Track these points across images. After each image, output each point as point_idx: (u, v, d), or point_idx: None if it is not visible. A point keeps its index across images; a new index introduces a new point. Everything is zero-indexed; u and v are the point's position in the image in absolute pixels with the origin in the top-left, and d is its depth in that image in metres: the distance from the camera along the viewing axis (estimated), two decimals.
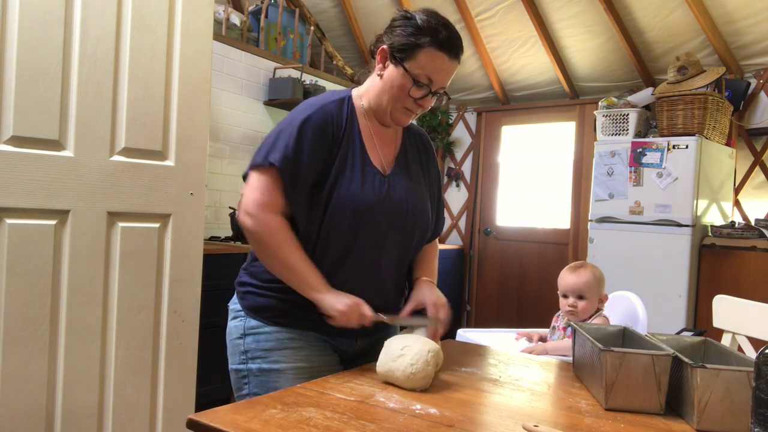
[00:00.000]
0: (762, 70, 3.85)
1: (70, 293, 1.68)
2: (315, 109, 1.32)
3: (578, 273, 2.05)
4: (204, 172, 1.96)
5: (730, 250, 3.43)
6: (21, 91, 1.58)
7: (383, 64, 1.34)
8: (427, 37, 1.29)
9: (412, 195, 1.40)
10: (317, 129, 1.30)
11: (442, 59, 1.30)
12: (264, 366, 1.32)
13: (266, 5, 4.38)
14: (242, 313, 1.37)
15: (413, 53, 1.29)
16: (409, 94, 1.32)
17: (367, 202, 1.31)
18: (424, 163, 1.50)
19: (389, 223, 1.35)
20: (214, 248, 3.17)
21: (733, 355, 1.15)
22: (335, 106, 1.35)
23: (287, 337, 1.33)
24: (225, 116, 3.90)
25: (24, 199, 1.60)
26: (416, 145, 1.50)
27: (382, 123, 1.41)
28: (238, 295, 1.41)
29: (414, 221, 1.40)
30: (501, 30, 4.64)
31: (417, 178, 1.45)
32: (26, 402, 1.61)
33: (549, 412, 1.08)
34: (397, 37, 1.31)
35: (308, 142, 1.29)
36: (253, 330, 1.35)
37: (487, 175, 5.18)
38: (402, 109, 1.35)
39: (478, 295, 5.16)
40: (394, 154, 1.43)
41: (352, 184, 1.31)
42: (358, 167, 1.33)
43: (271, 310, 1.35)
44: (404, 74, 1.30)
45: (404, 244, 1.40)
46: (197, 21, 1.92)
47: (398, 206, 1.36)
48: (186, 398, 1.96)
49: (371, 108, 1.39)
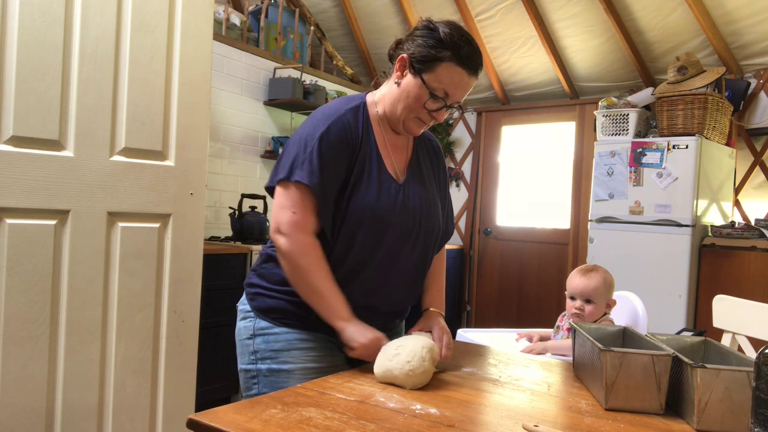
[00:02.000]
0: (762, 70, 3.85)
1: (70, 293, 1.68)
2: (332, 120, 1.32)
3: (588, 276, 2.03)
4: (204, 172, 1.96)
5: (730, 250, 3.43)
6: (21, 91, 1.58)
7: (401, 72, 1.34)
8: (449, 51, 1.28)
9: (425, 203, 1.41)
10: (338, 142, 1.30)
11: (461, 75, 1.31)
12: (273, 366, 1.33)
13: (266, 5, 4.38)
14: (252, 314, 1.38)
15: (433, 66, 1.29)
16: (425, 106, 1.32)
17: (382, 210, 1.32)
18: (435, 169, 1.52)
19: (404, 232, 1.36)
20: (214, 248, 3.17)
21: (733, 355, 1.15)
22: (351, 116, 1.35)
23: (296, 338, 1.34)
24: (225, 116, 3.90)
25: (24, 199, 1.60)
26: (427, 151, 1.51)
27: (394, 130, 1.41)
28: (248, 296, 1.42)
29: (427, 229, 1.41)
30: (501, 30, 4.64)
31: (429, 184, 1.47)
32: (26, 402, 1.61)
33: (549, 412, 1.08)
34: (419, 47, 1.30)
35: (331, 157, 1.29)
36: (262, 331, 1.36)
37: (487, 175, 5.18)
38: (415, 119, 1.36)
39: (478, 295, 5.16)
40: (406, 160, 1.44)
41: (369, 192, 1.32)
42: (374, 176, 1.34)
43: (281, 311, 1.35)
44: (422, 86, 1.30)
45: (417, 252, 1.41)
46: (197, 21, 1.92)
47: (412, 215, 1.37)
48: (186, 398, 1.96)
49: (385, 115, 1.39)
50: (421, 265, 1.45)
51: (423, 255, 1.44)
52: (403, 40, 1.36)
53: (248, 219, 3.55)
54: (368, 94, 1.44)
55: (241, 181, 4.05)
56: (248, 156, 4.09)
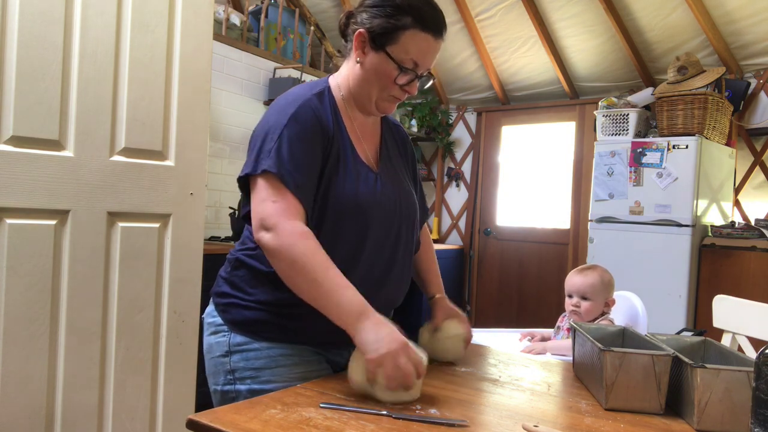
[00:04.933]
0: (762, 70, 3.85)
1: (70, 293, 1.68)
2: (299, 104, 1.20)
3: (585, 274, 2.06)
4: (204, 172, 1.96)
5: (730, 250, 3.43)
6: (21, 91, 1.58)
7: (362, 49, 1.21)
8: (409, 17, 1.17)
9: (402, 190, 1.33)
10: (309, 129, 1.18)
11: (427, 40, 1.19)
12: (255, 387, 1.19)
13: (266, 5, 4.38)
14: (225, 328, 1.25)
15: (395, 36, 1.18)
16: (395, 82, 1.21)
17: (363, 202, 1.23)
18: (402, 154, 1.43)
19: (387, 223, 1.27)
20: (214, 248, 3.17)
21: (733, 355, 1.15)
22: (317, 102, 1.23)
23: (280, 354, 1.21)
24: (225, 116, 3.90)
25: (24, 199, 1.60)
26: (394, 138, 1.42)
27: (365, 112, 1.30)
28: (218, 308, 1.28)
29: (408, 218, 1.34)
30: (501, 30, 4.64)
31: (401, 171, 1.39)
32: (26, 402, 1.61)
33: (549, 412, 1.08)
34: (375, 18, 1.18)
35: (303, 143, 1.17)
36: (239, 347, 1.22)
37: (487, 175, 5.18)
38: (388, 97, 1.25)
39: (478, 295, 5.16)
40: (376, 147, 1.35)
41: (347, 183, 1.22)
42: (350, 165, 1.23)
43: (260, 324, 1.22)
44: (387, 60, 1.19)
45: (402, 242, 1.34)
46: (197, 21, 1.92)
47: (391, 204, 1.29)
48: (186, 398, 1.96)
49: (352, 97, 1.28)
50: (408, 255, 1.37)
51: (408, 244, 1.35)
52: (354, 11, 1.23)
53: None
54: (330, 77, 1.31)
55: None
56: None
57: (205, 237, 3.19)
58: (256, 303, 1.23)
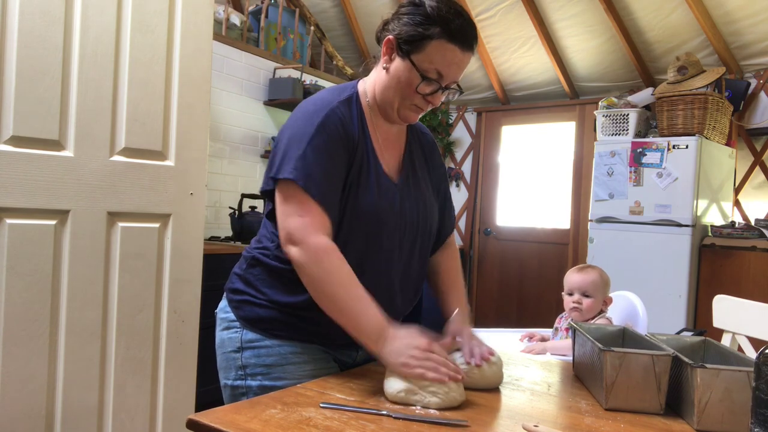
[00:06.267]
0: (762, 70, 3.85)
1: (70, 293, 1.68)
2: (326, 113, 1.20)
3: (585, 272, 2.10)
4: (204, 172, 1.96)
5: (730, 250, 3.43)
6: (21, 91, 1.58)
7: (389, 56, 1.22)
8: (438, 27, 1.16)
9: (422, 204, 1.32)
10: (335, 138, 1.19)
11: (453, 52, 1.18)
12: (266, 383, 1.22)
13: (266, 5, 4.38)
14: (237, 324, 1.27)
15: (421, 45, 1.17)
16: (417, 91, 1.20)
17: (381, 214, 1.23)
18: (429, 165, 1.41)
19: (401, 235, 1.27)
20: (214, 248, 3.17)
21: (733, 355, 1.15)
22: (345, 109, 1.24)
23: (290, 352, 1.24)
24: (225, 116, 3.90)
25: (24, 199, 1.60)
26: (420, 146, 1.41)
27: (389, 120, 1.29)
28: (232, 304, 1.30)
29: (424, 231, 1.33)
30: (501, 30, 4.64)
31: (424, 183, 1.37)
32: (26, 402, 1.61)
33: (549, 412, 1.08)
34: (405, 26, 1.19)
35: (329, 153, 1.17)
36: (251, 344, 1.25)
37: (487, 175, 5.18)
38: (410, 106, 1.24)
39: (478, 295, 5.16)
40: (400, 156, 1.34)
41: (367, 195, 1.22)
42: (372, 176, 1.23)
43: (273, 322, 1.25)
44: (411, 69, 1.19)
45: (416, 255, 1.33)
46: (197, 21, 1.92)
47: (409, 218, 1.28)
48: (186, 398, 1.96)
49: (377, 104, 1.28)
50: (420, 269, 1.37)
51: (421, 258, 1.35)
52: (390, 19, 1.24)
53: (248, 219, 3.55)
54: (359, 82, 1.32)
55: (241, 181, 4.04)
56: (248, 156, 4.09)
57: (205, 237, 3.19)
58: (269, 302, 1.25)
